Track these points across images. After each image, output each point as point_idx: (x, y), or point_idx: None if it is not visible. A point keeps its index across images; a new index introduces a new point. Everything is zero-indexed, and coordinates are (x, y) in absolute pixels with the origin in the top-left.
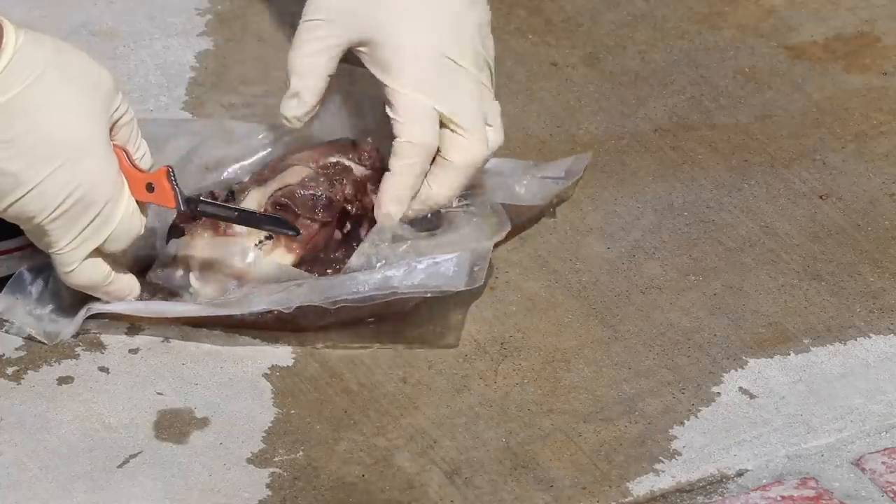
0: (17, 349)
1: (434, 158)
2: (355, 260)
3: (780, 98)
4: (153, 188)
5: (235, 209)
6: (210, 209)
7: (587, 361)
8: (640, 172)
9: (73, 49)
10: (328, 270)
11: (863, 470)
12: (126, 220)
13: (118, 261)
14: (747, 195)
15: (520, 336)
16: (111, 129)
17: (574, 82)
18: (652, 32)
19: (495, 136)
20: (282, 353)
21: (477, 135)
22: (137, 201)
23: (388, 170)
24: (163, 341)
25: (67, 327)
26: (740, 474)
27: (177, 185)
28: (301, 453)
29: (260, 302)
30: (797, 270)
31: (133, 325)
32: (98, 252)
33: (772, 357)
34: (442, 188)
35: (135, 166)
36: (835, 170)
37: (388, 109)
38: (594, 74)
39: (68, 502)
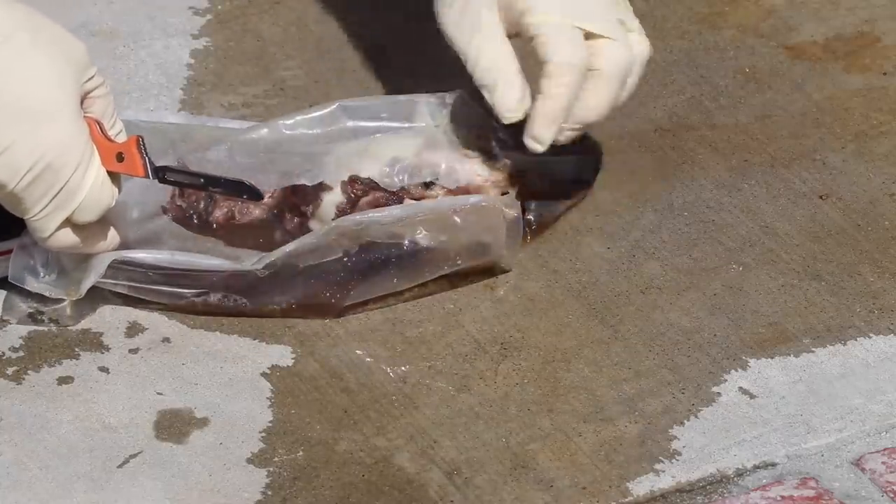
0: (17, 349)
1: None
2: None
3: (780, 98)
4: (123, 158)
5: (201, 175)
6: (178, 177)
7: (587, 361)
8: (640, 172)
9: (45, 18)
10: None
11: (863, 470)
12: (96, 190)
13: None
14: (747, 195)
15: (520, 336)
16: (84, 101)
17: None
18: (652, 32)
19: (639, 42)
20: (282, 353)
21: (618, 40)
22: (110, 173)
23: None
24: (163, 341)
25: (87, 279)
26: (740, 474)
27: (146, 154)
28: (301, 453)
29: (280, 250)
30: (797, 270)
31: (133, 324)
32: (70, 221)
33: (772, 357)
34: (593, 101)
35: (106, 137)
36: (835, 170)
37: (533, 43)
38: None
39: (68, 502)
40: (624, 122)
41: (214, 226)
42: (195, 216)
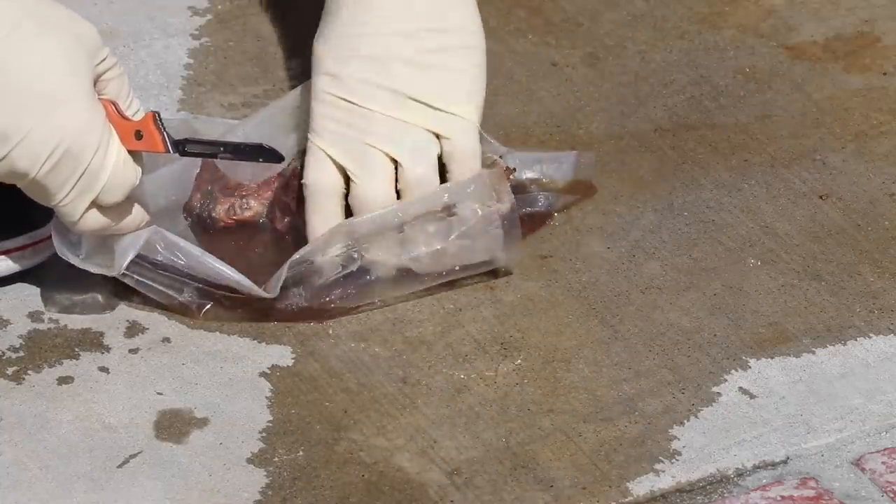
0: (17, 349)
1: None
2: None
3: (780, 98)
4: (142, 135)
5: (220, 143)
6: (198, 148)
7: (587, 361)
8: (640, 172)
9: (53, 2)
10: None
11: (863, 470)
12: (119, 170)
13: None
14: (747, 195)
15: (520, 336)
16: (98, 83)
17: (574, 82)
18: (652, 32)
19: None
20: (282, 353)
21: (360, 180)
22: (131, 152)
23: None
24: (163, 341)
25: (125, 255)
26: (740, 474)
27: (164, 128)
28: (301, 453)
29: (283, 268)
30: (797, 270)
31: (133, 324)
32: (96, 203)
33: (772, 357)
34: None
35: (123, 116)
36: (835, 170)
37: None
38: (594, 74)
39: (68, 502)
40: (624, 122)
41: (218, 222)
42: (202, 211)
